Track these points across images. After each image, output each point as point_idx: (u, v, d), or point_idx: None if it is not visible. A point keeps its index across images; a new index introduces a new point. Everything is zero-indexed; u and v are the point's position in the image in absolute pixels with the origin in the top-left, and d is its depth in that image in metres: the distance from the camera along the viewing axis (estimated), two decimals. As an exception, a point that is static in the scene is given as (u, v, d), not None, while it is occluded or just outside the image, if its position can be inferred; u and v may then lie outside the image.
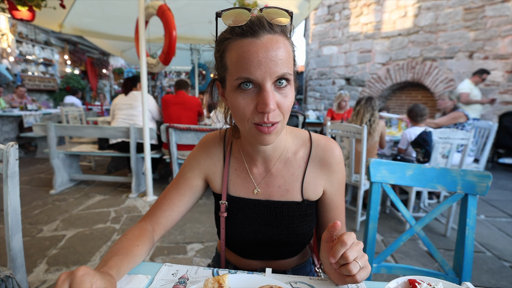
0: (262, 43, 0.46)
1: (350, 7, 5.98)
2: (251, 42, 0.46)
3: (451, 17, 4.67)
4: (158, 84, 9.23)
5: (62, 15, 3.36)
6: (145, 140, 2.58)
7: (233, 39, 0.48)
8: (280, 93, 0.50)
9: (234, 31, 0.48)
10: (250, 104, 0.49)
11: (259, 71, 0.46)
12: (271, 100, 0.47)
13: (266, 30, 0.47)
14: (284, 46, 0.48)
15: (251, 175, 0.66)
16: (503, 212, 2.60)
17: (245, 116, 0.50)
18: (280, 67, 0.47)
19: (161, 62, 2.73)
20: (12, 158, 0.82)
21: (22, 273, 0.88)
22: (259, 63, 0.46)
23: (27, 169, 3.77)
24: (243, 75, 0.47)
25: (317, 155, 0.65)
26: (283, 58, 0.47)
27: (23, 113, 4.24)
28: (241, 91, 0.49)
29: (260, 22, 0.47)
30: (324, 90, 6.65)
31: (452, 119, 2.76)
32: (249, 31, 0.46)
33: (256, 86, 0.48)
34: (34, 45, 6.66)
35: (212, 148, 0.69)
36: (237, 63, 0.47)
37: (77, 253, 1.79)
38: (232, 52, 0.49)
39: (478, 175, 0.77)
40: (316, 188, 0.66)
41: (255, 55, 0.46)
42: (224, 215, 0.66)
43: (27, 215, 2.31)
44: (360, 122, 2.34)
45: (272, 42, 0.47)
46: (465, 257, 0.77)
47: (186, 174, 0.68)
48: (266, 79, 0.47)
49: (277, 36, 0.48)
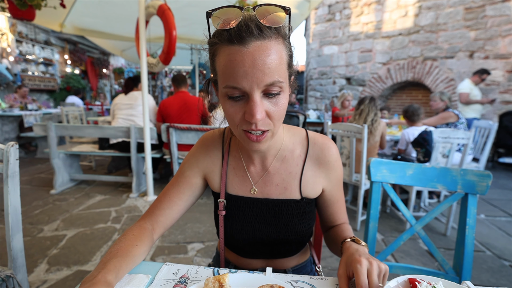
0: (249, 51, 0.44)
1: (351, 6, 5.98)
2: (238, 51, 0.44)
3: (452, 17, 4.67)
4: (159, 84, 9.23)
5: (63, 15, 3.37)
6: (146, 140, 2.58)
7: (220, 44, 0.47)
8: (270, 102, 0.48)
9: (222, 36, 0.46)
10: (239, 112, 0.49)
11: (246, 81, 0.44)
12: (257, 111, 0.46)
13: (254, 36, 0.44)
14: (276, 52, 0.45)
15: (248, 174, 0.66)
16: (503, 211, 2.60)
17: (234, 123, 0.51)
18: (268, 76, 0.45)
19: (161, 61, 2.73)
20: (12, 158, 0.82)
21: (22, 273, 0.88)
22: (245, 73, 0.44)
23: (28, 169, 3.78)
24: (230, 84, 0.46)
25: (314, 154, 0.65)
26: (273, 65, 0.45)
27: (23, 113, 4.24)
28: (230, 99, 0.49)
29: (248, 27, 0.43)
30: (325, 90, 6.64)
31: (441, 119, 2.78)
32: (236, 38, 0.44)
33: (245, 94, 0.47)
34: (34, 45, 6.65)
35: (211, 146, 0.69)
36: (224, 71, 0.46)
37: (78, 252, 1.79)
38: (220, 58, 0.47)
39: (478, 174, 0.77)
40: (315, 186, 0.66)
41: (241, 64, 0.44)
42: (223, 213, 0.66)
43: (28, 215, 2.31)
44: (363, 121, 2.35)
45: (261, 50, 0.44)
46: (465, 256, 0.77)
47: (185, 172, 0.68)
48: (254, 89, 0.45)
49: (267, 42, 0.45)
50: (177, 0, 3.01)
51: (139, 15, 2.43)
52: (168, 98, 2.95)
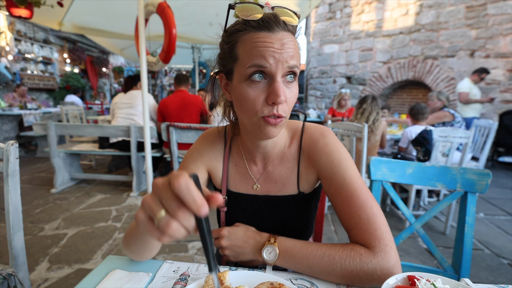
0: (277, 37, 0.49)
1: (352, 5, 5.96)
2: (267, 36, 0.48)
3: (453, 15, 4.65)
4: (159, 83, 9.22)
5: (62, 13, 3.35)
6: (146, 138, 2.58)
7: (247, 31, 0.50)
8: (287, 87, 0.51)
9: (249, 23, 0.50)
10: (260, 95, 0.50)
11: (274, 60, 0.48)
12: (282, 91, 0.49)
13: (281, 27, 0.49)
14: (294, 44, 0.51)
15: (250, 172, 0.66)
16: (502, 210, 2.60)
17: (254, 109, 0.51)
18: (292, 59, 0.49)
19: (161, 60, 2.71)
20: (12, 157, 0.83)
21: (24, 271, 0.88)
22: (274, 52, 0.48)
23: (28, 168, 3.78)
24: (256, 62, 0.48)
25: (306, 144, 0.64)
26: (294, 53, 0.50)
27: (23, 112, 4.24)
28: (251, 82, 0.50)
29: (276, 19, 0.49)
30: (325, 89, 6.63)
31: (435, 118, 2.79)
32: (266, 25, 0.49)
33: (267, 77, 0.50)
34: (33, 43, 6.63)
35: (214, 142, 0.69)
36: (251, 51, 0.49)
37: (78, 251, 1.80)
38: (245, 42, 0.50)
39: (478, 173, 0.77)
40: (309, 178, 0.64)
41: (271, 45, 0.48)
42: (224, 210, 0.67)
43: (28, 214, 2.32)
44: (365, 120, 2.35)
45: (286, 38, 0.49)
46: (464, 254, 0.78)
47: (189, 166, 0.66)
48: (278, 70, 0.48)
49: (289, 34, 0.51)
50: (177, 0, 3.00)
51: (139, 13, 2.42)
52: (167, 97, 2.95)
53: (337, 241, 2.00)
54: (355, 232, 0.54)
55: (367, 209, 0.53)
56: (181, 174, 0.28)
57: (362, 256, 0.50)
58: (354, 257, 0.50)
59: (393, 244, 0.51)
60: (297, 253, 0.54)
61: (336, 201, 0.58)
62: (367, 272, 0.49)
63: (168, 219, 0.28)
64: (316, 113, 5.37)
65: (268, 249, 0.56)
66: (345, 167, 0.58)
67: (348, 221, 0.55)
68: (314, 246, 0.54)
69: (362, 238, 0.52)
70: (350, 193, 0.55)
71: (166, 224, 0.28)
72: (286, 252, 0.54)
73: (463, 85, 3.78)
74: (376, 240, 0.51)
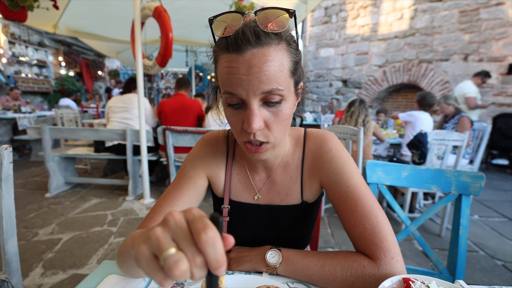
0: (245, 59, 0.43)
1: (347, 9, 6.03)
2: (234, 59, 0.43)
3: (447, 20, 4.73)
4: (155, 86, 9.20)
5: (56, 16, 3.34)
6: (142, 142, 2.57)
7: (219, 52, 0.46)
8: (270, 111, 0.47)
9: (220, 43, 0.46)
10: (239, 121, 0.48)
11: (241, 88, 0.44)
12: (254, 119, 0.44)
13: (251, 44, 0.42)
14: (276, 59, 0.44)
15: (252, 181, 0.64)
16: (496, 212, 2.63)
17: (236, 133, 0.50)
18: (265, 83, 0.43)
19: (157, 64, 2.72)
20: (6, 161, 0.82)
21: (17, 277, 0.87)
22: (241, 80, 0.43)
23: (22, 172, 3.73)
24: (227, 90, 0.46)
25: (309, 151, 0.62)
26: (271, 73, 0.43)
27: (17, 116, 4.20)
28: (230, 106, 0.48)
29: (244, 35, 0.42)
30: (321, 92, 6.68)
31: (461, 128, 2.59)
32: (232, 46, 0.43)
33: (243, 102, 0.46)
34: (27, 46, 6.58)
35: (216, 148, 0.65)
36: (223, 77, 0.46)
37: (73, 256, 1.77)
38: (219, 65, 0.47)
39: (472, 175, 0.79)
40: (312, 186, 0.62)
41: (236, 71, 0.43)
42: (227, 219, 0.65)
43: (22, 219, 2.28)
44: (354, 123, 2.40)
45: (257, 57, 0.42)
46: (458, 256, 0.78)
47: (188, 173, 0.63)
48: (250, 97, 0.44)
49: (265, 49, 0.43)
50: (173, 2, 3.01)
51: (135, 17, 2.43)
52: (166, 100, 2.97)
53: (333, 244, 2.00)
54: (360, 243, 0.52)
55: (372, 218, 0.51)
56: (207, 225, 0.24)
57: (365, 268, 0.48)
58: (356, 268, 0.48)
59: (400, 257, 0.48)
60: (298, 261, 0.53)
61: (340, 209, 0.56)
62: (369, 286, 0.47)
63: (179, 257, 0.24)
64: (312, 116, 5.40)
65: (271, 253, 0.55)
66: (348, 174, 0.56)
67: (353, 231, 0.53)
68: (316, 255, 0.53)
69: (367, 249, 0.50)
70: (354, 201, 0.53)
71: (175, 263, 0.23)
72: (288, 259, 0.54)
73: (470, 90, 3.49)
74: (382, 252, 0.48)
